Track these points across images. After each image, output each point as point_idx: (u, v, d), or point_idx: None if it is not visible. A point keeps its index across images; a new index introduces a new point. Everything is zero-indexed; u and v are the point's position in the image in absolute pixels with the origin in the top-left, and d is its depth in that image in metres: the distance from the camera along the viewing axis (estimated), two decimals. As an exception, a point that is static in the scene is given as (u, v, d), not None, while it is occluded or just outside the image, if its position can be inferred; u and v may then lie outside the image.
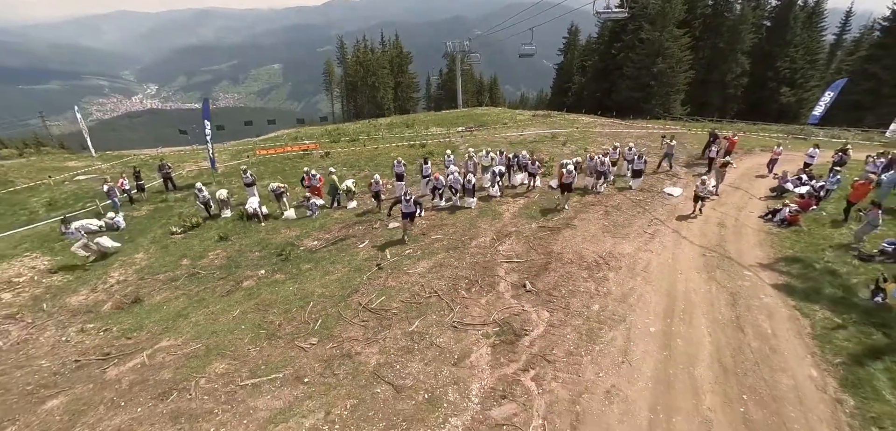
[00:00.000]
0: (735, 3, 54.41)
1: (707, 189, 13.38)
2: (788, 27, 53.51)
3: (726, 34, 53.54)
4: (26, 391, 7.75)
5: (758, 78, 54.89)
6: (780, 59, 53.72)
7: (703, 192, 13.35)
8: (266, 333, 9.02)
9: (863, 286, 9.65)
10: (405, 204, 12.57)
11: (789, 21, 53.44)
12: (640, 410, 6.97)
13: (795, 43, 53.73)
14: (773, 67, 53.89)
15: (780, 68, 53.75)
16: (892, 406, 6.73)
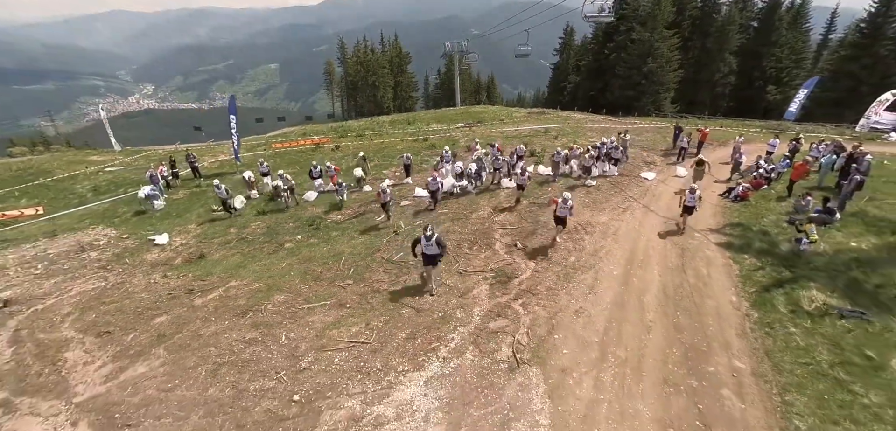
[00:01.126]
0: (722, 5, 57.21)
1: (695, 198, 12.90)
2: (774, 28, 56.28)
3: (714, 35, 56.32)
4: (138, 312, 10.29)
5: (745, 77, 57.63)
6: (766, 59, 56.47)
7: (691, 202, 12.91)
8: (311, 277, 11.56)
9: (785, 242, 12.25)
10: (426, 244, 10.15)
11: (774, 22, 56.22)
12: (599, 322, 9.51)
13: (781, 43, 56.47)
14: (760, 67, 56.64)
15: (767, 67, 56.51)
16: (781, 315, 9.32)
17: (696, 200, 12.91)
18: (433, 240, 10.09)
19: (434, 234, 10.12)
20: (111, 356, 8.86)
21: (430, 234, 10.04)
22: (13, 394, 7.93)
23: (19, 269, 12.68)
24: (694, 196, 12.81)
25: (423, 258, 10.58)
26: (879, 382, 7.39)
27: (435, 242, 10.13)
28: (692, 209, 13.00)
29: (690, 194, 12.87)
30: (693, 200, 12.87)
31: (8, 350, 9.12)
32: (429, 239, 10.07)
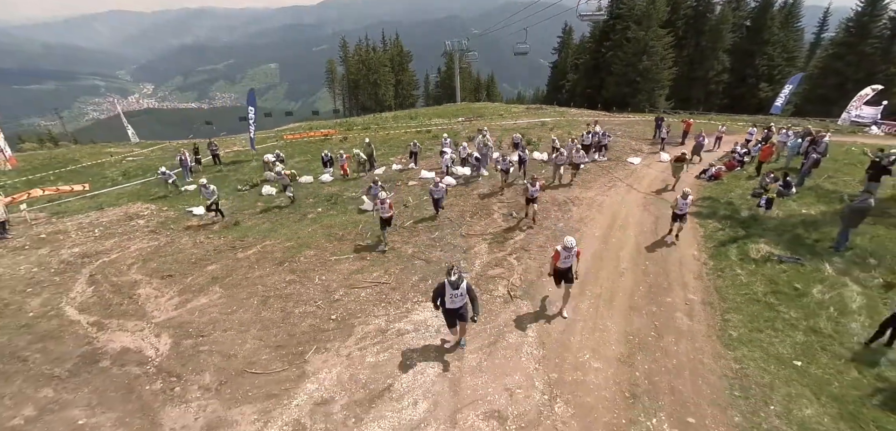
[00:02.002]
0: (716, 4, 59.23)
1: (686, 204, 12.00)
2: (766, 27, 58.28)
3: (708, 33, 58.38)
4: (191, 262, 12.23)
5: (738, 74, 59.63)
6: (758, 57, 58.50)
7: (683, 209, 12.04)
8: (334, 238, 13.49)
9: (746, 210, 14.18)
10: (452, 293, 7.53)
11: (767, 21, 58.22)
12: (582, 267, 11.35)
13: (773, 42, 58.49)
14: (753, 65, 58.66)
15: (759, 65, 58.53)
16: (732, 262, 11.24)
17: (688, 207, 12.16)
18: (461, 289, 7.51)
19: (462, 281, 7.51)
20: (176, 291, 10.77)
21: (455, 280, 7.34)
22: (102, 318, 9.81)
23: (79, 232, 14.60)
24: (686, 202, 11.93)
25: (447, 315, 7.85)
26: (800, 304, 9.30)
27: (465, 291, 7.57)
28: (684, 216, 12.20)
29: (683, 200, 11.91)
30: (685, 207, 12.02)
31: (89, 289, 11.02)
32: (455, 287, 7.42)
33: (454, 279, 7.37)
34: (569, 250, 8.58)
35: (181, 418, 7.09)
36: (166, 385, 7.81)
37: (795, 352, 8.04)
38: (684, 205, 12.05)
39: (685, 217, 12.33)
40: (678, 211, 12.24)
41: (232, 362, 8.24)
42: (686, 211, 12.18)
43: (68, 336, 9.24)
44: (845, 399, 6.96)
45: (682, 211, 12.16)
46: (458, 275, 7.43)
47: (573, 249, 8.60)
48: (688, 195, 12.07)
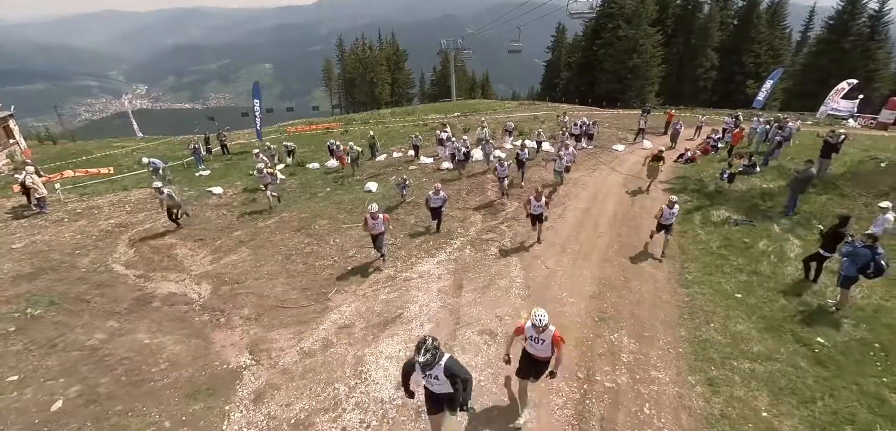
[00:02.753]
0: (704, 4, 61.25)
1: (673, 213, 10.90)
2: (752, 25, 60.35)
3: (696, 32, 60.38)
4: (218, 229, 13.80)
5: (726, 71, 61.63)
6: (745, 55, 60.56)
7: (668, 219, 10.93)
8: (344, 211, 15.08)
9: (713, 184, 15.88)
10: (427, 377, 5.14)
11: (753, 20, 60.30)
12: (564, 232, 13.04)
13: (759, 40, 60.57)
14: (740, 62, 60.70)
15: (746, 62, 60.60)
16: (695, 224, 12.94)
17: (675, 216, 11.07)
18: (437, 373, 5.04)
19: (439, 361, 4.98)
20: (209, 251, 12.33)
21: (426, 360, 4.87)
22: (146, 272, 11.33)
23: (111, 208, 16.06)
24: (672, 212, 10.88)
25: (427, 396, 5.53)
26: (747, 254, 11.00)
27: (445, 373, 5.04)
28: (670, 228, 11.10)
29: (669, 210, 10.84)
30: (671, 217, 10.94)
31: (130, 250, 12.52)
32: (427, 368, 4.98)
33: (424, 360, 4.84)
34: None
35: (229, 338, 8.67)
36: (212, 317, 9.38)
37: (737, 288, 9.72)
38: (670, 215, 10.91)
39: (671, 228, 11.20)
40: (664, 221, 11.00)
41: (266, 300, 9.82)
42: (672, 221, 11.05)
43: (120, 285, 10.76)
44: (772, 318, 8.63)
45: (668, 221, 10.99)
46: (433, 353, 4.85)
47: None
48: (674, 203, 10.97)
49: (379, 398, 6.93)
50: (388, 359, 7.77)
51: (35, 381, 7.52)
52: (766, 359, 7.56)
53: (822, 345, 7.75)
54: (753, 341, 8.05)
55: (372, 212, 10.40)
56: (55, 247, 12.69)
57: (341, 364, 7.71)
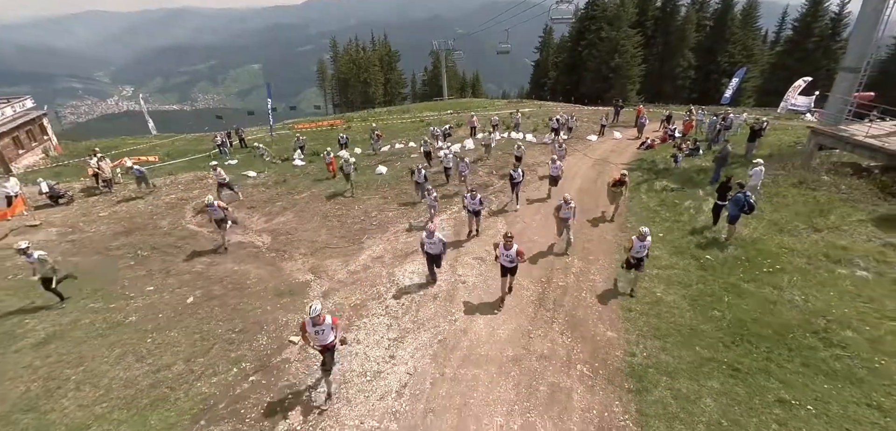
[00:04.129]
0: (681, 6, 65.59)
1: (645, 246, 9.96)
2: (727, 27, 64.82)
3: (674, 33, 64.70)
4: (263, 200, 17.34)
5: (703, 70, 65.99)
6: (720, 54, 65.00)
7: (639, 252, 10.01)
8: (361, 188, 18.69)
9: (662, 164, 19.70)
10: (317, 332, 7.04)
11: (727, 22, 64.77)
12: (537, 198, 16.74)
13: (733, 40, 65.01)
14: (715, 62, 65.12)
15: (721, 62, 65.03)
16: (641, 193, 16.71)
17: (647, 250, 10.10)
18: (324, 328, 6.99)
19: (324, 322, 7.00)
20: (261, 215, 15.88)
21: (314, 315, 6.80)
22: (211, 232, 14.84)
23: (167, 187, 19.52)
24: (644, 245, 9.98)
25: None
26: (674, 210, 14.79)
27: (328, 329, 7.03)
28: (640, 261, 10.15)
29: (640, 242, 9.98)
30: (642, 249, 10.03)
31: (197, 215, 16.02)
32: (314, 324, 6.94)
33: (313, 314, 6.60)
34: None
35: (294, 265, 12.24)
36: (278, 255, 12.95)
37: (662, 231, 13.49)
38: (642, 248, 10.00)
39: (642, 264, 10.20)
40: (635, 255, 10.08)
41: (316, 244, 13.42)
42: (643, 254, 10.06)
43: (199, 238, 14.26)
44: (679, 246, 12.40)
45: (639, 254, 10.03)
46: (317, 310, 6.59)
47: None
48: (646, 236, 9.94)
49: (407, 292, 10.57)
50: (410, 274, 11.42)
51: (167, 290, 11.04)
52: (668, 268, 11.33)
53: (708, 260, 11.52)
54: (663, 259, 11.81)
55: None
56: (135, 215, 16.15)
57: (379, 277, 11.34)
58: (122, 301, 10.65)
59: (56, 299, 10.39)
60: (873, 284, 9.86)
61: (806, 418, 6.74)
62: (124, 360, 8.48)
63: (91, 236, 14.61)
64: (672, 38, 65.16)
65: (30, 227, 15.30)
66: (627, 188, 14.80)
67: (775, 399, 7.10)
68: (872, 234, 11.80)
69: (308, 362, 8.36)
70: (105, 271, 12.04)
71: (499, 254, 9.82)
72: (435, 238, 10.33)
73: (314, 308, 6.73)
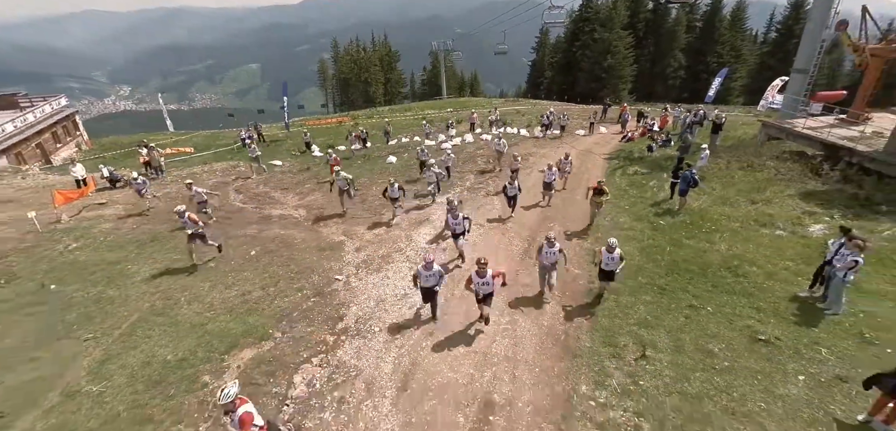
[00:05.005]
0: (671, 9, 68.81)
1: (614, 258, 9.81)
2: (715, 28, 68.11)
3: (664, 35, 67.94)
4: (294, 183, 20.42)
5: (693, 71, 69.25)
6: (709, 55, 68.24)
7: (609, 265, 9.96)
8: (376, 173, 21.74)
9: (637, 153, 22.81)
10: None
11: (716, 23, 68.05)
12: (530, 181, 19.83)
13: (722, 41, 68.28)
14: (704, 62, 68.35)
15: (710, 62, 68.27)
16: (616, 176, 19.84)
17: (617, 264, 9.92)
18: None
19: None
20: (294, 195, 18.97)
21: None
22: (258, 206, 17.87)
23: (207, 174, 22.57)
24: (613, 257, 9.86)
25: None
26: (641, 188, 17.91)
27: None
28: (612, 274, 10.11)
29: (608, 254, 9.88)
30: (611, 263, 9.93)
31: (240, 194, 19.07)
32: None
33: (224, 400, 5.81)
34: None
35: (329, 230, 15.32)
36: (314, 223, 16.00)
37: (629, 203, 16.61)
38: (610, 260, 9.92)
39: (613, 276, 10.16)
40: (604, 266, 10.07)
41: (344, 216, 16.47)
42: (616, 268, 9.98)
43: (245, 212, 17.31)
44: (639, 214, 15.51)
45: (609, 267, 10.00)
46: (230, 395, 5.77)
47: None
48: (614, 248, 9.84)
49: (423, 249, 13.64)
50: (425, 235, 14.49)
51: (231, 247, 14.09)
52: (628, 229, 14.44)
53: (660, 224, 14.64)
54: (626, 223, 14.94)
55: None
56: (186, 195, 19.18)
57: (399, 237, 14.44)
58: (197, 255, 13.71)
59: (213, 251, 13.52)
60: (786, 240, 12.98)
61: (706, 314, 9.83)
62: (216, 289, 11.54)
63: (155, 211, 17.66)
64: (663, 40, 68.36)
65: (99, 204, 18.35)
66: (606, 196, 14.58)
67: (687, 305, 10.20)
68: (796, 205, 14.95)
69: (353, 291, 11.42)
70: (178, 235, 15.06)
71: (473, 285, 9.15)
72: (433, 269, 9.32)
73: (226, 393, 5.79)
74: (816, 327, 9.03)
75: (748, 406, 7.32)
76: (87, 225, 16.10)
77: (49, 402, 7.94)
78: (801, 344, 8.56)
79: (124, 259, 13.47)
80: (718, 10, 68.33)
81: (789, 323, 9.27)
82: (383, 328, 9.92)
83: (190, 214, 12.87)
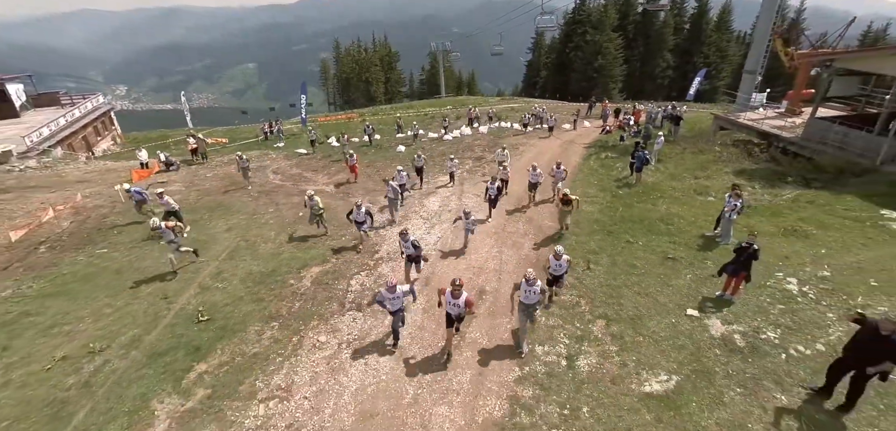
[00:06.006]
0: (660, 11, 73.24)
1: (561, 264, 10.22)
2: (702, 30, 72.63)
3: (653, 36, 72.37)
4: (321, 167, 24.55)
5: (680, 70, 73.74)
6: (696, 55, 72.74)
7: (555, 272, 10.39)
8: (389, 159, 25.92)
9: (612, 142, 27.05)
10: None
11: (702, 25, 72.56)
12: (522, 162, 24.00)
13: (708, 42, 72.81)
14: (691, 62, 72.82)
15: (697, 62, 72.70)
16: (591, 161, 24.06)
17: (564, 268, 10.39)
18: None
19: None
20: (325, 174, 23.15)
21: None
22: (294, 183, 21.99)
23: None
24: (560, 263, 10.29)
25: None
26: (609, 168, 22.13)
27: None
28: (559, 279, 10.65)
29: (556, 261, 10.28)
30: (559, 268, 10.38)
31: (277, 175, 23.20)
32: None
33: None
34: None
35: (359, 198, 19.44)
36: (345, 195, 20.14)
37: (597, 180, 20.81)
38: (558, 267, 10.36)
39: (562, 281, 10.80)
40: (553, 273, 10.53)
41: (367, 188, 20.65)
42: (562, 273, 10.48)
43: (285, 188, 21.44)
44: (604, 186, 19.73)
45: (557, 272, 10.47)
46: None
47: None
48: (561, 255, 10.31)
49: (432, 210, 17.78)
50: (432, 202, 18.67)
51: (282, 210, 18.21)
52: (593, 197, 18.67)
53: (619, 193, 18.86)
54: (592, 193, 19.18)
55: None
56: (228, 176, 23.37)
57: (414, 201, 18.60)
58: (258, 215, 17.88)
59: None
60: (713, 203, 17.15)
61: (637, 246, 14.01)
62: (281, 235, 15.74)
63: (208, 188, 21.80)
64: (652, 41, 72.85)
65: (161, 182, 22.47)
66: (574, 207, 15.00)
67: (625, 241, 14.39)
68: (729, 179, 19.17)
69: (382, 237, 15.56)
70: (237, 203, 19.23)
71: (444, 302, 8.86)
72: (398, 292, 9.13)
73: None
74: (710, 251, 13.24)
75: (650, 291, 11.51)
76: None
77: (193, 291, 12.15)
78: (695, 260, 12.78)
79: (201, 219, 17.60)
80: (705, 12, 72.90)
81: (692, 249, 13.49)
82: (408, 257, 14.14)
83: (166, 223, 13.18)
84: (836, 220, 14.51)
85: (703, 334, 9.68)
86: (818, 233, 13.74)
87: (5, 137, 28.45)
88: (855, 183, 17.42)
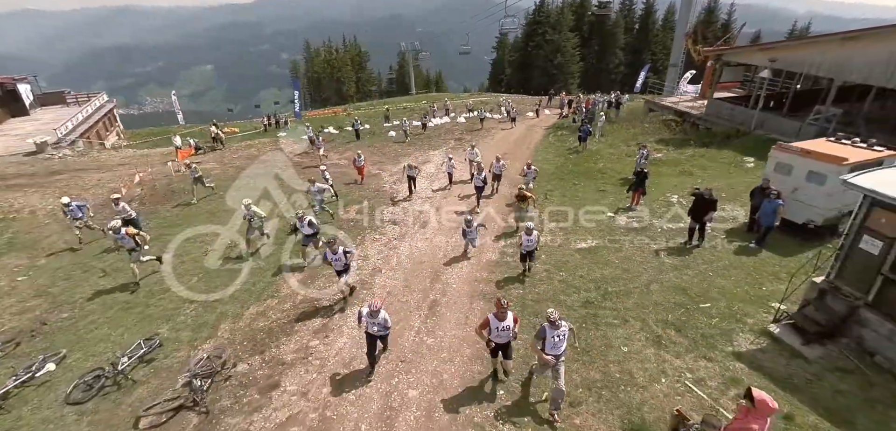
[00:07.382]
0: (611, 13, 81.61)
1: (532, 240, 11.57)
2: (650, 29, 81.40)
3: (606, 36, 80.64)
4: (331, 147, 30.11)
5: (631, 67, 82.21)
6: (645, 53, 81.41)
7: (526, 248, 11.73)
8: (398, 144, 31.81)
9: (570, 124, 33.79)
10: None
11: (649, 25, 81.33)
12: (494, 142, 30.33)
13: (656, 41, 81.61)
14: (641, 59, 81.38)
15: (646, 59, 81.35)
16: (550, 140, 30.67)
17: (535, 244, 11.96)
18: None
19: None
20: (336, 153, 28.75)
21: None
22: (313, 162, 27.56)
23: (258, 147, 31.94)
24: (531, 240, 11.62)
25: None
26: (563, 142, 28.80)
27: None
28: (531, 254, 12.11)
29: (527, 237, 11.46)
30: (530, 244, 11.60)
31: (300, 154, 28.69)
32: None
33: None
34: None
35: (371, 168, 25.28)
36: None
37: (553, 150, 27.40)
38: (530, 243, 11.43)
39: (534, 255, 11.94)
40: (525, 248, 11.56)
41: (373, 158, 26.49)
42: (534, 248, 11.54)
43: (308, 165, 26.98)
44: (560, 153, 26.38)
45: (529, 248, 11.41)
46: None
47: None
48: (532, 231, 11.34)
49: (433, 175, 23.85)
50: (430, 168, 24.73)
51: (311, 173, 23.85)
52: (552, 160, 25.20)
53: (570, 157, 25.45)
54: (550, 157, 25.71)
55: None
56: (252, 157, 28.68)
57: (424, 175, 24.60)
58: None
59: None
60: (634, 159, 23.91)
61: (580, 187, 20.56)
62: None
63: (240, 165, 27.12)
64: (605, 40, 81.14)
65: (197, 163, 27.54)
66: (530, 203, 15.91)
67: (572, 184, 20.90)
68: (652, 147, 26.02)
69: (398, 189, 21.46)
70: (271, 174, 24.71)
71: (489, 331, 8.05)
72: (379, 317, 8.70)
73: None
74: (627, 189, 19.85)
75: (586, 205, 17.93)
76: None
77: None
78: (617, 191, 19.43)
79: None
80: (652, 12, 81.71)
81: (617, 185, 20.15)
82: (425, 198, 20.22)
83: (126, 230, 12.86)
84: (713, 165, 21.58)
85: (615, 223, 16.22)
86: (699, 173, 20.71)
87: (36, 130, 32.69)
88: (736, 144, 24.62)
